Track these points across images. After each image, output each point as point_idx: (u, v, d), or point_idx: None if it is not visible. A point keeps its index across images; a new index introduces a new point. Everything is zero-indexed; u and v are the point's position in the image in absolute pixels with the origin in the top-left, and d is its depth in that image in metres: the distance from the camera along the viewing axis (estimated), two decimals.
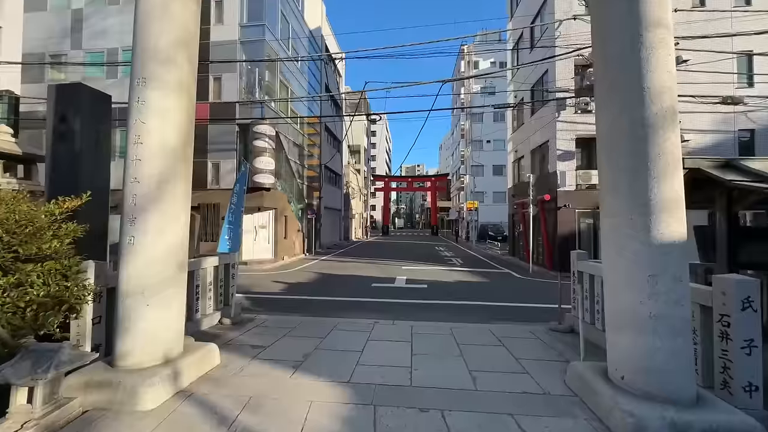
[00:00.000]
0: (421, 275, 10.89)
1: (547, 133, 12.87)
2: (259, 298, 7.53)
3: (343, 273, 11.38)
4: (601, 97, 2.87)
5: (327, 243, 23.48)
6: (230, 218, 5.43)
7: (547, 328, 5.24)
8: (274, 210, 14.42)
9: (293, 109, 16.70)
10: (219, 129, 13.30)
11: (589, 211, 11.94)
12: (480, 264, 14.57)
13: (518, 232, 16.66)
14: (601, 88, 2.85)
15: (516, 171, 16.97)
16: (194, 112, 3.47)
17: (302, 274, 11.28)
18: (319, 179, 21.19)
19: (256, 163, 12.77)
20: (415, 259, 15.89)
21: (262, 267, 12.71)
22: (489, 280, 10.29)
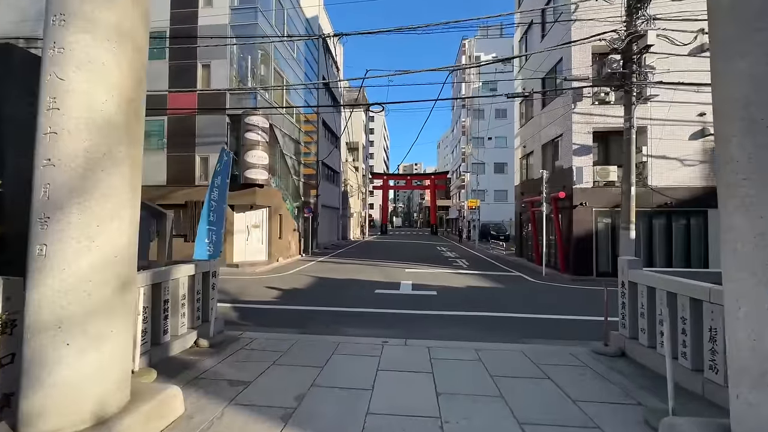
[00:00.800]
0: (427, 279, 10.02)
1: (561, 126, 12.02)
2: (247, 309, 6.61)
3: (343, 277, 10.47)
4: (730, 37, 1.96)
5: (324, 243, 22.55)
6: (210, 218, 4.51)
7: (589, 349, 4.38)
8: (268, 208, 13.47)
9: (288, 101, 15.72)
10: (208, 120, 12.32)
11: (607, 210, 11.12)
12: (487, 266, 13.73)
13: (526, 232, 15.85)
14: (742, 18, 1.93)
15: (524, 167, 16.13)
16: (145, 74, 2.56)
17: (298, 278, 10.36)
18: (317, 176, 20.24)
19: (248, 158, 11.81)
20: (417, 260, 15.01)
21: (254, 270, 11.77)
22: (502, 285, 9.44)
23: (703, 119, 10.81)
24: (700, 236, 10.87)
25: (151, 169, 12.44)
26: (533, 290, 9.08)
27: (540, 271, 12.20)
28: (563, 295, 8.50)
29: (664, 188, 10.87)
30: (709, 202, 10.75)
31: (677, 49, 10.05)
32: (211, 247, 4.35)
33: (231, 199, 12.34)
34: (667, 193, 10.87)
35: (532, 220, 14.09)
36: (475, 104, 35.60)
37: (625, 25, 9.76)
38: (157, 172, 12.45)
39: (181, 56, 12.38)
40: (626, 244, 9.91)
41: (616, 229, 11.09)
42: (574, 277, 10.87)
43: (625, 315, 4.29)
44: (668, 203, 10.86)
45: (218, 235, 4.53)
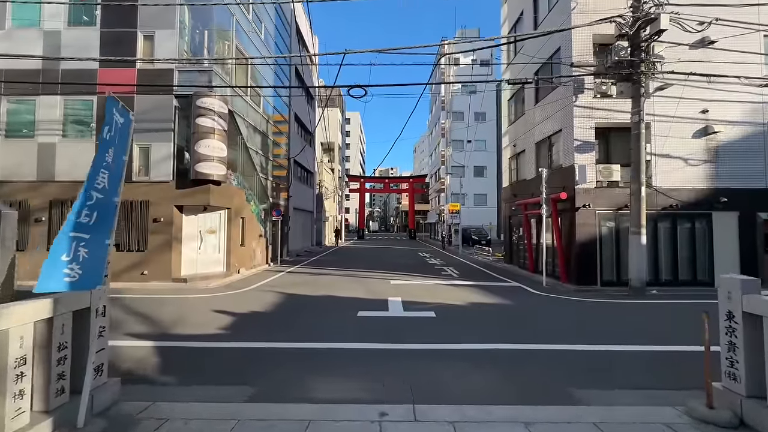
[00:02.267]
0: (418, 294, 8.44)
1: (560, 121, 11.01)
2: (177, 349, 4.66)
3: (316, 293, 8.64)
4: None
5: (297, 249, 20.43)
6: (82, 219, 2.60)
7: (684, 412, 2.96)
8: (227, 210, 11.35)
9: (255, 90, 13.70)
10: (150, 102, 10.09)
11: (611, 213, 10.14)
12: (480, 276, 12.40)
13: (517, 237, 14.79)
14: None
15: (514, 168, 15.12)
16: None
17: (260, 295, 8.41)
18: (288, 175, 18.20)
19: (200, 148, 9.70)
20: (402, 269, 13.43)
21: (207, 285, 9.63)
22: (506, 301, 8.04)
23: (706, 116, 10.17)
24: (704, 241, 10.15)
25: (74, 161, 10.00)
26: (542, 305, 7.75)
27: (539, 281, 11.01)
28: (580, 311, 7.23)
29: (668, 189, 10.08)
30: (713, 204, 10.10)
31: (687, 38, 9.31)
32: (76, 271, 2.45)
33: (178, 198, 10.16)
34: (671, 195, 10.08)
35: (526, 224, 12.99)
36: (454, 107, 34.98)
37: (632, 10, 8.87)
38: (82, 165, 9.99)
39: (116, 23, 10.10)
40: (637, 250, 8.91)
41: (620, 234, 10.15)
42: (577, 288, 9.75)
43: (738, 361, 2.91)
44: (673, 205, 10.06)
45: (98, 249, 2.64)
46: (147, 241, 9.84)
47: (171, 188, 9.99)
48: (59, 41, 10.17)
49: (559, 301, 8.15)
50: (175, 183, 10.03)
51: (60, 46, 10.08)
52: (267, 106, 15.15)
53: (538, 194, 12.08)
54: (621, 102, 10.19)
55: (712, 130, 10.06)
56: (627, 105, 10.08)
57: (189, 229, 10.48)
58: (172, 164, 10.11)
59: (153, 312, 6.51)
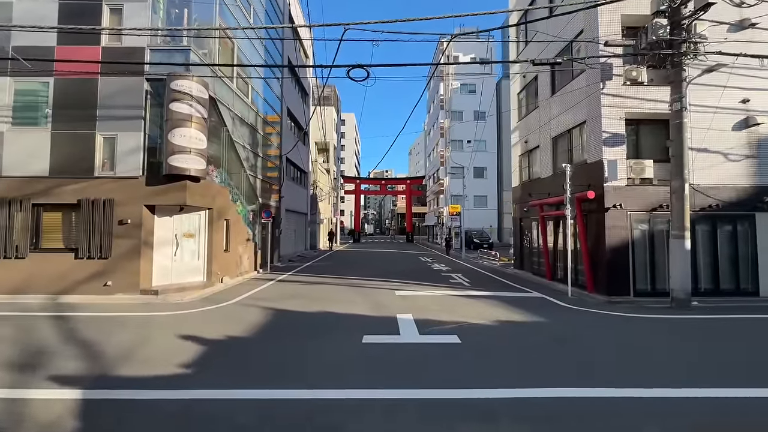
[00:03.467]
0: (431, 309, 7.15)
1: (583, 111, 9.88)
2: (106, 404, 3.27)
3: (310, 308, 7.29)
4: None
5: (289, 254, 19.01)
6: None
7: None
8: (207, 211, 9.94)
9: (241, 75, 12.35)
10: (116, 85, 8.69)
11: (643, 214, 9.00)
12: (493, 284, 11.17)
13: (529, 241, 13.62)
14: None
15: (526, 166, 13.97)
16: None
17: (241, 312, 7.03)
18: (280, 174, 16.82)
19: (175, 138, 8.31)
20: (406, 276, 12.14)
21: (181, 298, 8.21)
22: (535, 317, 6.79)
23: (746, 106, 9.12)
24: (747, 245, 9.07)
25: (26, 152, 8.55)
26: (581, 324, 6.52)
27: (561, 290, 9.82)
28: (633, 332, 6.01)
29: (706, 188, 8.98)
30: (756, 204, 9.03)
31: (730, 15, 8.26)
32: None
33: (150, 197, 8.69)
34: (710, 194, 8.98)
35: (542, 227, 11.81)
36: (454, 106, 33.97)
37: None
38: (35, 158, 8.55)
39: None
40: (680, 256, 7.75)
41: (654, 237, 9.01)
42: (608, 299, 8.57)
43: None
44: (712, 206, 8.97)
45: None
46: (111, 246, 8.39)
47: (140, 185, 8.57)
48: (10, 13, 8.74)
49: (597, 318, 6.92)
50: (146, 179, 8.61)
51: (11, 20, 8.63)
52: (256, 98, 13.80)
53: (557, 193, 10.93)
54: (653, 90, 9.10)
55: (754, 122, 9.02)
56: (659, 93, 9.02)
57: (162, 233, 9.05)
58: (142, 157, 8.71)
59: (102, 338, 5.11)
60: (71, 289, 8.21)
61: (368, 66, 7.64)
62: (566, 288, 10.02)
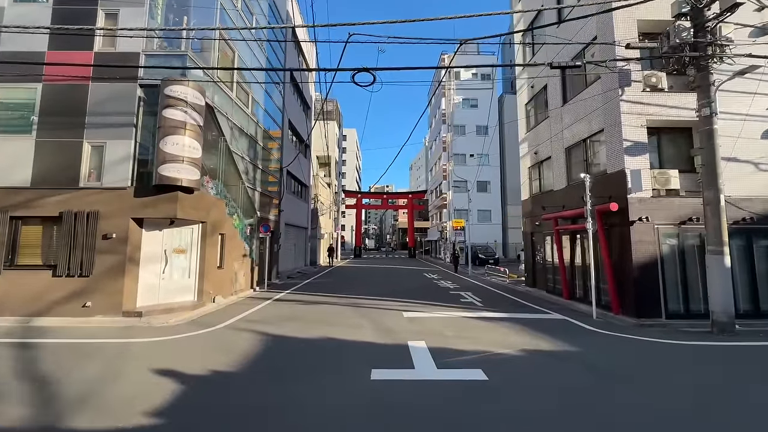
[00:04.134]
0: (445, 334, 6.35)
1: (600, 120, 9.36)
2: None
3: (309, 334, 6.50)
4: None
5: (288, 270, 18.21)
6: None
7: None
8: (201, 224, 9.28)
9: (241, 85, 11.97)
10: (108, 91, 8.23)
11: (672, 228, 8.31)
12: (507, 303, 10.35)
13: (541, 257, 12.86)
14: None
15: (536, 178, 13.39)
16: None
17: (231, 338, 6.24)
18: (280, 187, 16.26)
19: (166, 146, 7.75)
20: (413, 295, 11.32)
21: (167, 320, 7.42)
22: (565, 345, 5.98)
23: None
24: None
25: (7, 161, 7.98)
26: (621, 355, 5.71)
27: (583, 311, 9.02)
28: (692, 367, 5.21)
29: (738, 199, 8.33)
30: None
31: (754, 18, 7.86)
32: None
33: (138, 209, 8.02)
34: (743, 206, 8.32)
35: (557, 242, 11.09)
36: (456, 120, 33.88)
37: None
38: (17, 167, 7.97)
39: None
40: (720, 274, 7.00)
41: (685, 253, 8.28)
42: (638, 322, 7.76)
43: None
44: (746, 219, 8.29)
45: None
46: (93, 263, 7.68)
47: (128, 197, 7.95)
48: (1, 18, 8.38)
49: (635, 345, 6.11)
50: (135, 190, 8.00)
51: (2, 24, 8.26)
52: (257, 109, 13.40)
53: (572, 206, 10.29)
54: (675, 96, 8.62)
55: None
56: (681, 99, 8.56)
57: (150, 248, 8.35)
58: (131, 167, 8.13)
59: (63, 374, 4.34)
60: (46, 311, 7.45)
61: (374, 69, 7.16)
62: (588, 308, 9.22)
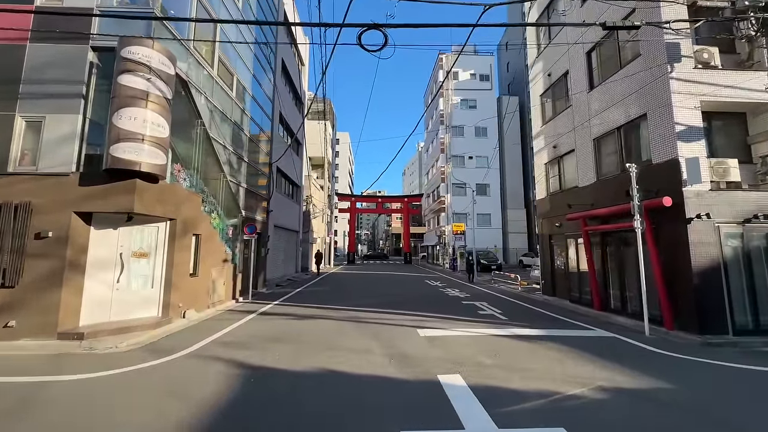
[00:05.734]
0: (482, 363, 4.85)
1: (642, 103, 8.12)
2: None
3: (302, 365, 4.89)
4: None
5: (277, 278, 16.46)
6: None
7: None
8: (168, 222, 7.60)
9: (223, 59, 10.39)
10: (50, 54, 6.58)
11: (735, 226, 7.04)
12: (533, 316, 8.91)
13: (562, 262, 11.52)
14: None
15: (555, 174, 12.11)
16: None
17: (191, 377, 4.59)
18: (269, 184, 14.62)
19: (121, 120, 6.11)
20: (420, 306, 9.78)
21: (116, 345, 5.70)
22: (646, 378, 4.54)
23: None
24: None
25: None
26: (725, 388, 4.30)
27: (624, 325, 7.67)
28: None
29: None
30: None
31: None
32: None
33: (83, 201, 5.86)
34: None
35: (586, 244, 9.76)
36: (454, 121, 32.83)
37: None
38: None
39: None
40: None
41: (752, 257, 7.00)
42: (702, 339, 6.41)
43: None
44: None
45: None
46: (21, 270, 5.93)
47: (71, 185, 6.26)
48: None
49: (723, 374, 4.71)
50: (80, 177, 6.32)
51: None
52: (244, 95, 11.83)
53: (603, 204, 9.00)
54: (730, 75, 7.45)
55: None
56: (736, 78, 7.40)
57: (101, 251, 6.64)
58: (77, 148, 6.45)
59: None
60: None
61: (385, 26, 5.73)
62: (628, 322, 7.92)
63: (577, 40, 10.44)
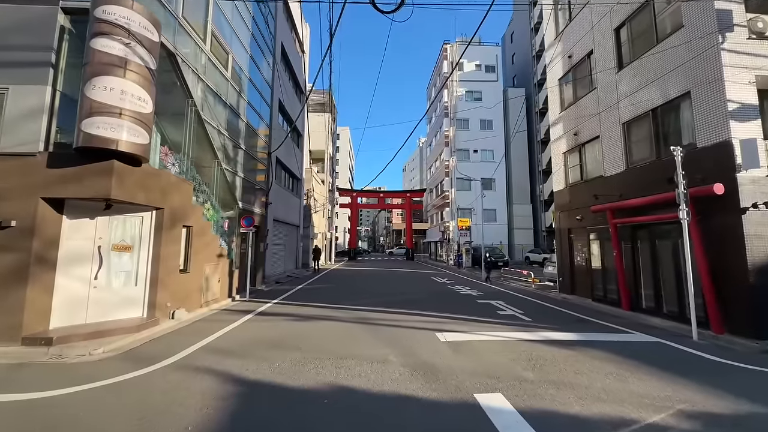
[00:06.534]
0: (522, 376, 4.06)
1: (686, 78, 7.26)
2: None
3: (305, 380, 4.10)
4: None
5: (277, 274, 15.67)
6: None
7: None
8: (155, 212, 6.77)
9: (216, 33, 9.51)
10: (14, 16, 5.71)
11: None
12: (559, 317, 8.12)
13: (582, 258, 10.72)
14: None
15: (576, 164, 11.26)
16: None
17: (172, 395, 3.78)
18: (268, 175, 13.77)
19: (94, 91, 5.26)
20: (432, 305, 8.99)
21: (93, 349, 4.90)
22: (723, 396, 3.76)
23: None
24: None
25: None
26: None
27: (664, 328, 6.88)
28: None
29: None
30: None
31: None
32: None
33: (53, 185, 4.65)
34: None
35: (614, 238, 8.95)
36: (459, 114, 31.91)
37: None
38: None
39: None
40: None
41: None
42: (762, 345, 5.63)
43: None
44: None
45: None
46: None
47: (38, 167, 5.42)
48: None
49: None
50: (48, 158, 5.48)
51: None
52: (240, 76, 10.93)
53: (633, 194, 8.20)
54: None
55: None
56: None
57: (75, 244, 5.81)
58: (45, 125, 5.60)
59: None
60: None
61: None
62: (664, 323, 7.22)
63: (604, 15, 9.55)
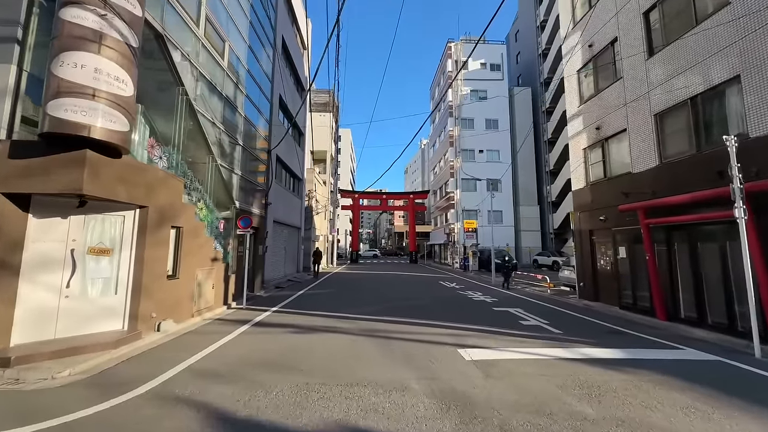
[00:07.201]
0: (586, 416, 3.26)
1: (733, 61, 6.49)
2: None
3: (309, 419, 3.31)
4: None
5: (277, 278, 14.89)
6: None
7: None
8: (138, 210, 6.01)
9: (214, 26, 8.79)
10: None
11: None
12: (591, 328, 7.31)
13: (607, 262, 9.91)
14: None
15: (599, 160, 10.46)
16: None
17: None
18: (267, 173, 13.03)
19: (62, 69, 4.51)
20: (448, 315, 8.18)
21: (57, 371, 4.11)
22: None
23: None
24: None
25: None
26: None
27: (710, 341, 6.06)
28: None
29: None
30: None
31: None
32: None
33: (17, 178, 4.14)
34: None
35: (646, 241, 8.14)
36: (464, 113, 31.20)
37: None
38: None
39: None
40: None
41: None
42: None
43: None
44: None
45: None
46: None
47: (0, 157, 4.68)
48: None
49: None
50: (10, 147, 4.73)
51: None
52: (237, 66, 10.22)
53: (668, 192, 7.41)
54: None
55: None
56: None
57: (43, 246, 5.04)
58: (8, 109, 4.85)
59: None
60: None
61: None
62: (710, 336, 6.40)
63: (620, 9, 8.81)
